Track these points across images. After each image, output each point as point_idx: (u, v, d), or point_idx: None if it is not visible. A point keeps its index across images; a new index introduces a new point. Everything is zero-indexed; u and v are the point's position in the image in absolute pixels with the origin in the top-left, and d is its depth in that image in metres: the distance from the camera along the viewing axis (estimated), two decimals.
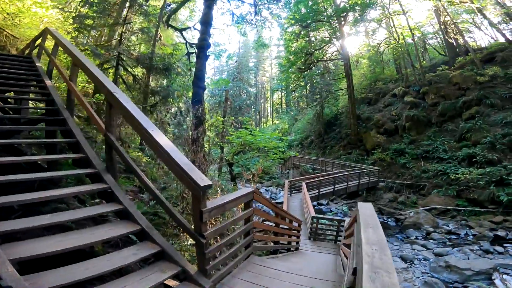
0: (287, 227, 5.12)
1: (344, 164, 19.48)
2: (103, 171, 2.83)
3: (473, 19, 21.27)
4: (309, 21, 23.71)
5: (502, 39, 19.72)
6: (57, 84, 7.86)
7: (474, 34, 24.34)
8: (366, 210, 2.17)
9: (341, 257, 5.17)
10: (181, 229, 2.86)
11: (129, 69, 10.15)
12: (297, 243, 6.34)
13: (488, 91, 16.75)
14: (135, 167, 2.57)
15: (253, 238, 3.29)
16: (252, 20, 16.53)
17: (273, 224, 4.46)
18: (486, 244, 9.46)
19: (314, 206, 14.59)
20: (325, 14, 23.92)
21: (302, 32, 25.94)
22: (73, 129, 3.36)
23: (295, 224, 5.71)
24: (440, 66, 21.91)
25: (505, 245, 9.39)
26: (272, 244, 4.35)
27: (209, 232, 2.19)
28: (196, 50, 10.21)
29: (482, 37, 25.67)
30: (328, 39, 25.39)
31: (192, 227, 2.25)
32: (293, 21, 23.48)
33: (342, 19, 23.09)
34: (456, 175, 13.95)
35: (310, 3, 23.57)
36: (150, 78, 16.38)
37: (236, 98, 48.43)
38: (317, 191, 12.25)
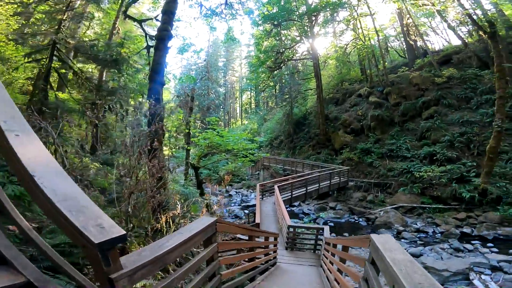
0: (264, 246, 4.28)
1: (314, 164, 19.29)
2: None
3: (430, 22, 22.69)
4: (280, 20, 23.40)
5: (455, 42, 21.19)
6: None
7: (430, 37, 26.07)
8: (397, 254, 1.36)
9: (326, 273, 4.49)
10: None
11: (70, 61, 8.50)
12: (275, 257, 5.55)
13: (445, 91, 17.69)
14: None
15: (220, 280, 2.36)
16: (222, 12, 15.44)
17: (247, 248, 3.59)
18: (455, 242, 9.59)
19: (286, 208, 14.03)
20: (297, 13, 23.79)
21: (273, 30, 25.53)
22: None
23: (271, 239, 4.90)
24: (401, 68, 22.90)
25: (472, 242, 9.60)
26: (247, 274, 3.47)
27: None
28: (156, 42, 8.99)
29: (437, 41, 27.57)
30: (298, 38, 25.29)
31: None
32: (266, 12, 22.93)
33: (313, 18, 23.13)
34: (420, 173, 14.35)
35: (283, 2, 23.23)
36: (104, 73, 14.50)
37: (204, 97, 46.92)
38: (289, 194, 11.64)
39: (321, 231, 5.91)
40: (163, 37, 8.64)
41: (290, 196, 11.58)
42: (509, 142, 12.96)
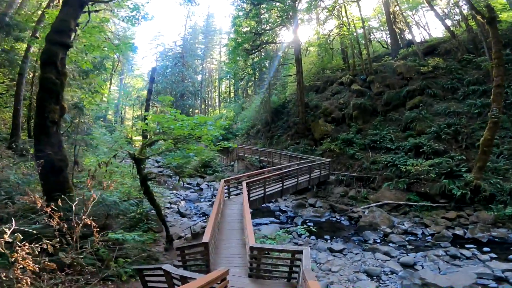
0: None
1: (292, 156, 17.69)
2: None
3: (413, 15, 21.71)
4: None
5: (436, 36, 20.31)
6: None
7: (412, 30, 25.18)
8: None
9: None
10: None
11: None
12: None
13: (430, 81, 16.68)
14: None
15: None
16: None
17: None
18: (450, 247, 8.38)
19: (260, 206, 12.23)
20: None
21: (252, 11, 23.08)
22: None
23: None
24: (384, 57, 21.77)
25: (467, 246, 8.45)
26: None
27: None
28: None
29: (419, 33, 26.79)
30: (280, 20, 23.14)
31: None
32: None
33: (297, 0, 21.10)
34: (406, 167, 13.16)
35: None
36: None
37: (178, 84, 44.26)
38: (262, 192, 9.83)
39: (298, 254, 4.14)
40: None
41: (263, 195, 9.77)
42: (500, 135, 12.02)
